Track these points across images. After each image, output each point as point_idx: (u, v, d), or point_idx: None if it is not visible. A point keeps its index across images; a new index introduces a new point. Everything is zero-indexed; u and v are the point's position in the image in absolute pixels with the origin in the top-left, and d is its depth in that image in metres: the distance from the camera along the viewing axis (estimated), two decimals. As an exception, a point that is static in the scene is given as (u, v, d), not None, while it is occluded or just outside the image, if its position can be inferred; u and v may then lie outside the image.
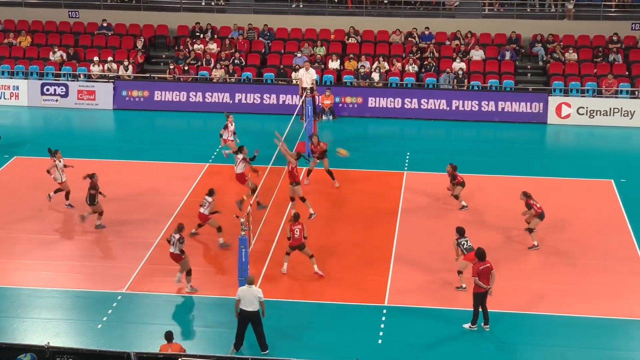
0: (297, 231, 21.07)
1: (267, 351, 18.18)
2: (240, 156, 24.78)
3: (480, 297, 18.89)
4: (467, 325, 19.14)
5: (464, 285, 20.65)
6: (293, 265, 21.66)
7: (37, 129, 32.52)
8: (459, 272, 20.73)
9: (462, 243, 20.67)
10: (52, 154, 25.10)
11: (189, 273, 20.77)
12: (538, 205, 22.96)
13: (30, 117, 33.74)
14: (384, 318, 19.62)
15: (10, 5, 39.14)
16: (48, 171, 24.91)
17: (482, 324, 19.12)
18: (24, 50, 37.13)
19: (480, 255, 18.92)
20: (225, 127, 27.68)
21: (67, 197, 25.14)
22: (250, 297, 17.92)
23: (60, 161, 24.95)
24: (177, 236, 20.49)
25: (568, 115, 33.10)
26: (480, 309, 19.03)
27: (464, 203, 25.02)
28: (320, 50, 36.19)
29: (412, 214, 24.89)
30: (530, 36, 36.73)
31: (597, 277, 21.57)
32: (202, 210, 22.64)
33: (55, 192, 25.17)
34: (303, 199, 24.11)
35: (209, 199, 22.57)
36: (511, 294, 20.53)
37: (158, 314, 19.94)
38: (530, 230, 22.92)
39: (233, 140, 27.68)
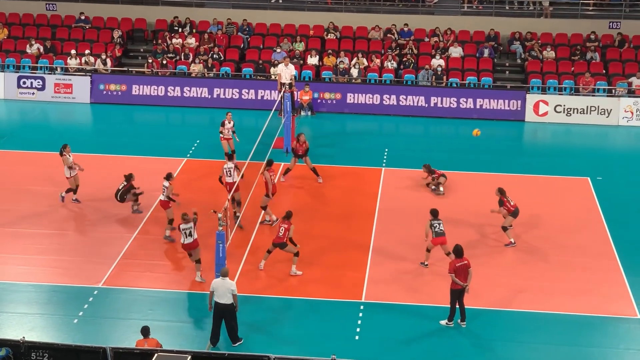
0: (282, 230, 21.02)
1: (238, 344, 18.15)
2: (231, 165, 23.65)
3: (457, 294, 18.95)
4: (443, 322, 19.20)
5: (426, 263, 21.51)
6: (271, 263, 21.62)
7: (14, 123, 32.27)
8: (427, 250, 21.53)
9: (435, 225, 21.32)
10: (62, 149, 24.63)
11: (170, 222, 22.03)
12: (512, 203, 23.07)
13: (6, 110, 33.46)
14: (361, 314, 19.63)
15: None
16: (70, 167, 24.48)
17: (459, 320, 19.18)
18: (0, 43, 36.80)
19: (458, 252, 18.95)
20: (222, 124, 27.47)
21: (74, 192, 24.79)
22: (224, 289, 17.93)
23: (69, 156, 24.53)
24: (190, 225, 20.56)
25: (545, 113, 33.26)
26: (457, 306, 19.09)
27: (441, 189, 25.83)
28: (299, 46, 36.15)
29: (390, 210, 24.92)
30: (509, 34, 36.88)
31: (573, 274, 21.69)
32: (161, 197, 22.71)
33: (67, 192, 24.77)
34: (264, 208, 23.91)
35: (166, 183, 22.57)
36: (488, 291, 20.61)
37: (134, 308, 19.85)
38: (505, 229, 23.01)
39: (231, 138, 27.53)
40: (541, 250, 22.85)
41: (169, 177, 22.86)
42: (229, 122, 27.54)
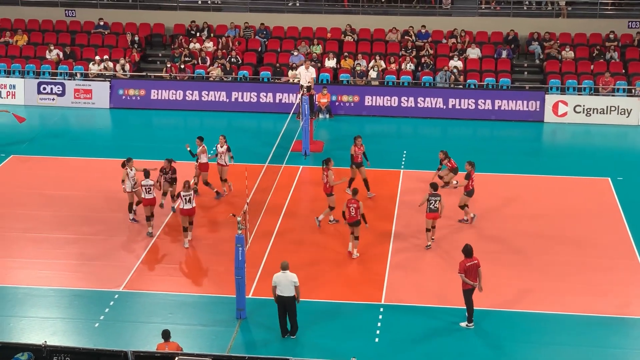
0: (352, 209, 21.72)
1: (296, 335, 18.69)
2: (150, 182, 23.21)
3: (470, 293, 18.88)
4: (463, 324, 19.12)
5: (429, 244, 22.41)
6: (291, 263, 21.59)
7: (34, 128, 32.46)
8: (427, 230, 22.54)
9: (431, 201, 22.06)
10: (125, 162, 24.03)
11: (191, 222, 22.70)
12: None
13: (27, 116, 33.61)
14: (380, 316, 19.61)
15: (7, 4, 39.11)
16: (123, 181, 24.02)
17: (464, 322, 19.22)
18: (20, 49, 37.08)
19: (467, 251, 18.88)
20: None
21: (130, 210, 24.11)
22: (286, 282, 18.34)
23: (132, 170, 23.94)
24: (190, 193, 22.15)
25: (565, 114, 33.12)
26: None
27: (454, 182, 25.89)
28: (317, 49, 36.19)
29: (408, 211, 24.87)
30: (527, 34, 36.76)
31: (594, 274, 21.57)
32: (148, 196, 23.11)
33: (134, 207, 24.17)
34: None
35: (190, 192, 22.58)
36: (506, 291, 20.54)
37: (155, 312, 19.92)
38: (463, 207, 23.86)
39: (225, 165, 25.73)
40: (561, 250, 22.74)
41: (146, 174, 23.27)
42: (222, 147, 25.50)
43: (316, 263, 21.80)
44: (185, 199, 22.18)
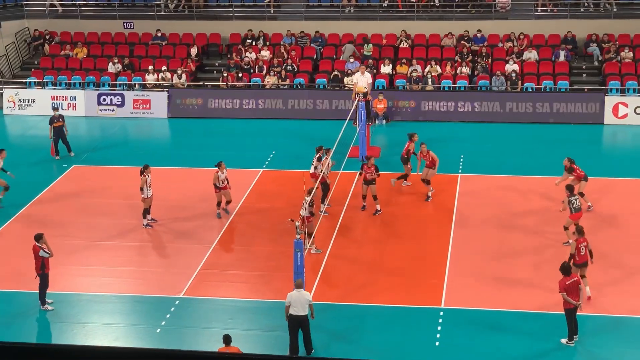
0: (582, 248, 19.74)
1: (312, 353, 18.18)
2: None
3: (572, 312, 18.18)
4: (564, 340, 18.46)
5: (570, 241, 21.42)
6: (348, 269, 21.65)
7: (95, 139, 33.02)
8: (565, 228, 22.04)
9: (572, 202, 21.88)
10: (143, 170, 24.42)
11: (310, 235, 22.08)
12: (580, 170, 24.31)
13: (87, 127, 34.29)
14: (440, 320, 19.51)
15: (67, 17, 39.89)
16: (141, 189, 24.31)
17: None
18: (80, 62, 37.76)
19: (565, 269, 18.15)
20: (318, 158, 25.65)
21: (144, 216, 24.46)
22: (302, 300, 18.00)
23: (149, 176, 24.41)
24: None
25: (625, 115, 32.61)
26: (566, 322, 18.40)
27: (589, 203, 24.78)
28: (368, 49, 36.16)
29: (467, 215, 24.73)
30: (585, 36, 36.29)
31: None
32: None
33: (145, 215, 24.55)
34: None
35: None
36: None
37: (215, 318, 20.10)
38: (582, 194, 23.81)
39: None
40: (618, 253, 22.37)
41: (218, 165, 23.89)
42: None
43: (375, 267, 21.76)
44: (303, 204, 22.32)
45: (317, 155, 25.36)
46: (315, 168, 25.07)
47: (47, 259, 20.16)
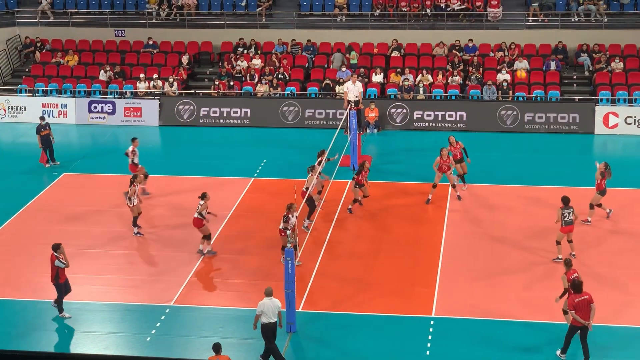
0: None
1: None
2: (202, 202, 23.01)
3: (576, 330, 17.79)
4: (558, 352, 18.27)
5: (560, 257, 21.59)
6: (339, 277, 21.63)
7: (85, 146, 32.94)
8: (558, 242, 21.93)
9: (565, 214, 21.68)
10: (132, 180, 24.55)
11: (207, 237, 22.56)
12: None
13: (78, 134, 34.20)
14: (431, 329, 19.48)
15: (58, 25, 39.83)
16: (129, 198, 24.41)
17: None
18: (71, 69, 37.70)
19: (576, 286, 17.64)
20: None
21: (134, 224, 24.49)
22: (273, 308, 18.02)
23: (138, 186, 24.65)
24: (202, 202, 22.45)
25: (616, 125, 32.70)
26: (573, 342, 18.02)
27: (607, 210, 25.00)
28: (353, 57, 36.23)
29: (459, 224, 24.74)
30: (576, 46, 36.42)
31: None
32: (195, 215, 22.89)
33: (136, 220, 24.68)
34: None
35: (201, 202, 22.82)
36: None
37: (205, 326, 20.03)
38: (592, 207, 24.24)
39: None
40: (609, 263, 22.40)
41: (203, 196, 22.99)
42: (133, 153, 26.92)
43: (366, 276, 21.74)
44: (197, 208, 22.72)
45: (318, 160, 25.40)
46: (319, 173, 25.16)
47: (63, 270, 20.10)
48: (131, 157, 26.92)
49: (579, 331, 17.85)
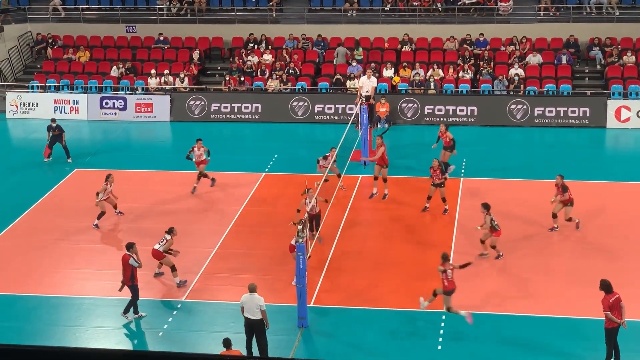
0: (450, 273, 18.84)
1: None
2: (168, 238, 21.60)
3: (614, 333, 17.35)
4: None
5: (486, 252, 21.87)
6: (350, 272, 21.65)
7: (97, 142, 33.04)
8: (482, 241, 21.96)
9: (493, 219, 21.63)
10: (107, 177, 24.90)
11: (173, 269, 21.28)
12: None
13: (90, 130, 34.32)
14: (443, 324, 19.47)
15: (69, 21, 39.93)
16: (97, 193, 24.76)
17: None
18: (83, 65, 37.80)
19: (607, 287, 17.30)
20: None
21: (98, 217, 24.80)
22: (252, 304, 17.85)
23: (110, 185, 24.82)
24: (168, 237, 21.25)
25: (628, 119, 32.58)
26: (598, 341, 17.69)
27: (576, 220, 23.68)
28: (359, 52, 36.19)
29: (469, 218, 24.68)
30: (587, 40, 36.28)
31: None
32: (157, 247, 21.38)
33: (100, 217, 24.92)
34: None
35: (167, 236, 21.43)
36: (578, 300, 20.24)
37: (217, 321, 20.08)
38: (570, 219, 23.39)
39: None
40: (626, 256, 22.34)
41: (170, 231, 21.56)
42: (199, 150, 26.93)
43: (378, 271, 21.75)
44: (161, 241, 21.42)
45: (326, 155, 25.84)
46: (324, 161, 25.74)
47: (136, 269, 19.89)
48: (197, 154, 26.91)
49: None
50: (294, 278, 20.06)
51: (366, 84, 31.32)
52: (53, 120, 30.34)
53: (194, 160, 26.92)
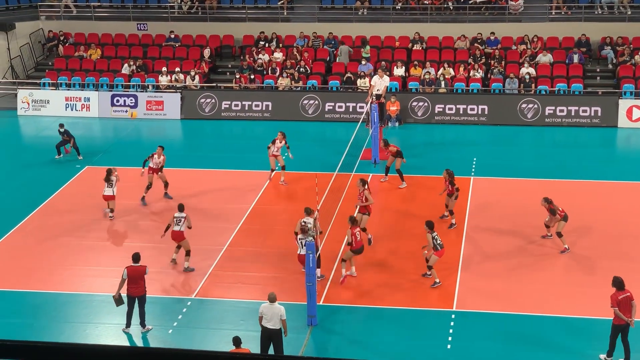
0: (358, 235, 20.98)
1: None
2: (182, 214, 22.02)
3: (620, 329, 17.35)
4: (603, 356, 17.86)
5: (438, 281, 20.82)
6: (360, 271, 21.63)
7: (108, 140, 33.13)
8: (429, 267, 20.92)
9: (435, 238, 20.63)
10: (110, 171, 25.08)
11: (188, 253, 21.64)
12: (560, 209, 22.43)
13: (101, 127, 34.41)
14: (452, 323, 19.45)
15: (81, 19, 40.04)
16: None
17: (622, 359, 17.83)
18: (94, 63, 37.89)
19: (619, 284, 17.33)
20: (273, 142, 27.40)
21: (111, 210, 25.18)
22: (272, 314, 17.74)
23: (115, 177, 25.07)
24: (183, 215, 21.50)
25: (639, 119, 32.46)
26: (621, 342, 17.59)
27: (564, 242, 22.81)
28: (366, 51, 36.18)
29: (479, 218, 24.67)
30: (599, 39, 36.16)
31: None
32: (177, 228, 21.68)
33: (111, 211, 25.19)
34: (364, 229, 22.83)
35: (183, 214, 21.64)
36: (588, 301, 20.18)
37: (226, 319, 20.10)
38: (560, 235, 22.37)
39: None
40: (635, 257, 22.27)
41: (182, 208, 21.97)
42: (280, 142, 27.27)
43: (387, 269, 21.74)
44: (176, 220, 21.55)
45: (274, 139, 27.01)
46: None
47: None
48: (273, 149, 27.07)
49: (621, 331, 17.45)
50: (318, 271, 20.30)
51: (379, 83, 31.29)
52: (61, 126, 30.38)
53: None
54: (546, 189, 26.33)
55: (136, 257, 19.53)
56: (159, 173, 26.28)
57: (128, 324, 19.46)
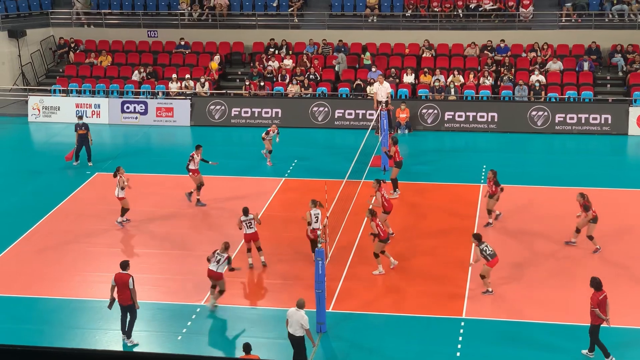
0: (381, 224, 21.67)
1: None
2: (250, 216, 22.18)
3: (598, 328, 17.99)
4: (585, 351, 18.28)
5: (490, 290, 20.75)
6: (369, 278, 21.63)
7: (118, 146, 33.21)
8: (482, 276, 20.78)
9: (484, 249, 20.57)
10: (116, 171, 25.20)
11: (222, 292, 20.54)
12: (593, 209, 22.58)
13: (111, 134, 34.49)
14: (461, 331, 19.41)
15: (92, 26, 40.17)
16: (122, 188, 25.04)
17: (586, 350, 18.34)
18: (104, 70, 38.02)
19: (597, 284, 17.96)
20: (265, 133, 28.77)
21: (122, 214, 25.21)
22: (294, 320, 17.71)
23: (123, 177, 25.08)
24: (224, 255, 20.31)
25: (650, 126, 32.39)
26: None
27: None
28: (367, 57, 36.23)
29: (490, 226, 24.59)
30: (609, 46, 36.10)
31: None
32: (212, 267, 20.44)
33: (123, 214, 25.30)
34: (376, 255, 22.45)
35: (224, 254, 20.47)
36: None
37: (236, 326, 20.10)
38: (591, 237, 22.59)
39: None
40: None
41: (226, 247, 20.74)
42: (273, 132, 29.38)
43: (396, 276, 21.71)
44: (217, 259, 20.35)
45: (268, 130, 28.39)
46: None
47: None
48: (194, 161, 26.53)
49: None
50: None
51: (380, 89, 31.33)
52: (80, 117, 30.54)
53: (191, 168, 26.25)
54: (556, 197, 26.30)
55: (123, 265, 19.32)
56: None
57: (122, 331, 19.42)
